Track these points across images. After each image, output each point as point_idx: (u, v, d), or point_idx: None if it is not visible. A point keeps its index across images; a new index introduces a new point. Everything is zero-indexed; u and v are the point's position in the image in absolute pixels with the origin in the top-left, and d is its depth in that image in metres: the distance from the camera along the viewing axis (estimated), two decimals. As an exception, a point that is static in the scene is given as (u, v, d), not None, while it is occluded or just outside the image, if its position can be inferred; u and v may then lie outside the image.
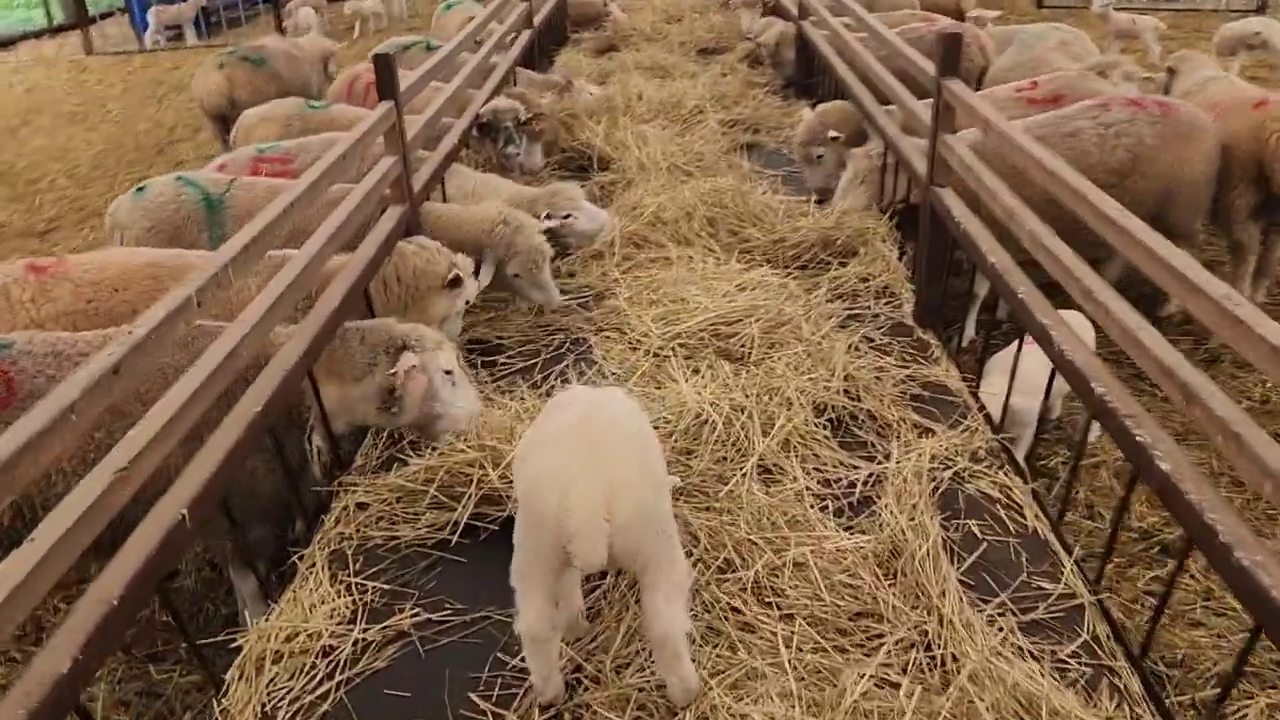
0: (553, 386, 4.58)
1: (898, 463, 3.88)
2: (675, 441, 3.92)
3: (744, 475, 3.77)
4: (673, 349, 4.67)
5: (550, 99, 8.08)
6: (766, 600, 3.20)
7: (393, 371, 3.72)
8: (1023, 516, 3.65)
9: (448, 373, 3.90)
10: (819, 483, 3.85)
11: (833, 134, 6.45)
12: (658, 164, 7.34)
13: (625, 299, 5.35)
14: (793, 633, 3.04)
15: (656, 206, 6.30)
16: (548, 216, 5.72)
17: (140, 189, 5.10)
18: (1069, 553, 3.43)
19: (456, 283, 4.60)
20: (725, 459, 3.92)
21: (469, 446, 3.80)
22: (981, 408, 4.36)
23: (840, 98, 7.65)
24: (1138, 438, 2.82)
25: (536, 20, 10.28)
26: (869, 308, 5.33)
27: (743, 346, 4.65)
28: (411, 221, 4.93)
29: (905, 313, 5.26)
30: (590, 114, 8.32)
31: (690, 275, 5.46)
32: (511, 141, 6.90)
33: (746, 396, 4.22)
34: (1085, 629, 3.12)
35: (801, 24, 9.59)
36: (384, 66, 4.62)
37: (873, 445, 4.11)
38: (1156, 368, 2.73)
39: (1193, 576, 4.13)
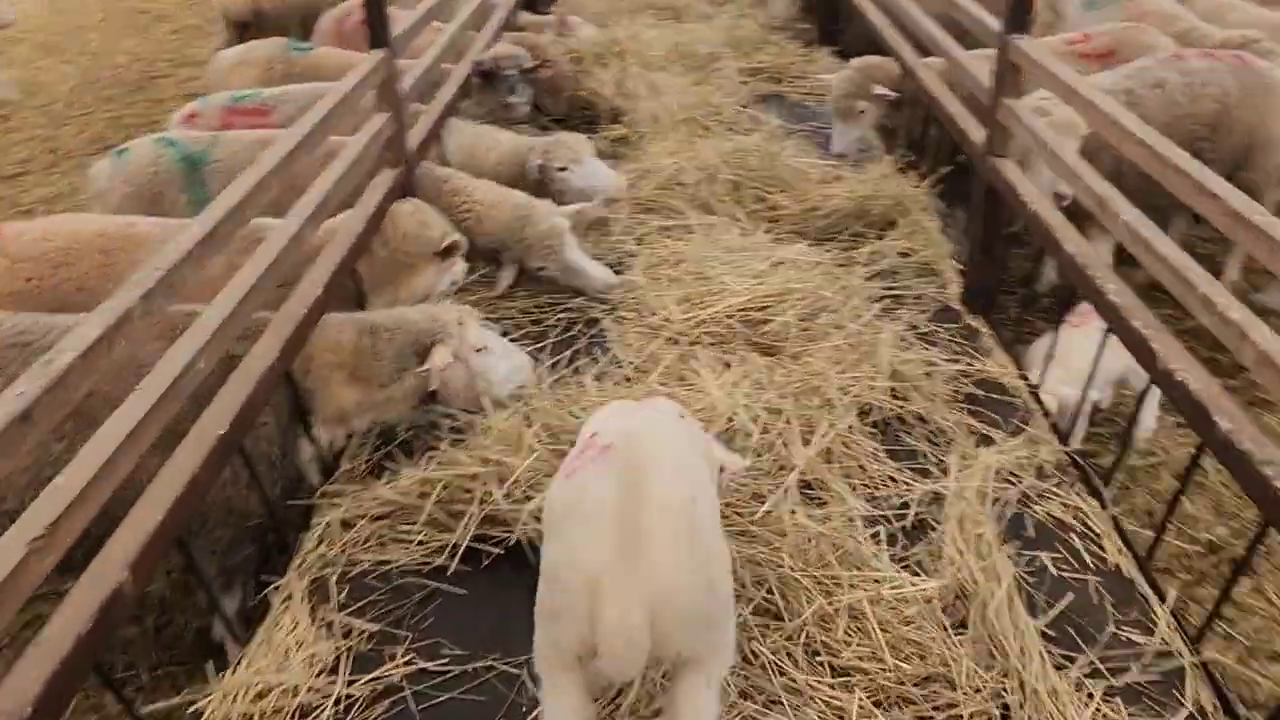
0: (562, 378, 4.08)
1: (956, 479, 3.42)
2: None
3: (784, 492, 3.31)
4: (698, 338, 4.17)
5: (553, 43, 7.45)
6: (818, 658, 2.75)
7: (426, 369, 3.43)
8: (1102, 549, 3.20)
9: (479, 349, 3.61)
10: (867, 500, 3.40)
11: (881, 91, 5.82)
12: (673, 116, 6.76)
13: (642, 273, 4.84)
14: (853, 701, 2.60)
15: (674, 168, 5.75)
16: (540, 168, 5.19)
17: (122, 151, 4.59)
18: (1162, 598, 2.98)
19: (450, 252, 4.11)
20: (762, 472, 3.46)
21: (470, 458, 3.32)
22: (1045, 411, 3.89)
23: (870, 47, 7.07)
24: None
25: (539, -46, 9.56)
26: (910, 288, 4.82)
27: (777, 337, 4.16)
28: (407, 185, 4.39)
29: (951, 294, 4.76)
30: (598, 59, 7.71)
31: (713, 248, 4.95)
32: (515, 91, 6.30)
33: (783, 397, 3.75)
34: (1188, 699, 2.68)
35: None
36: (375, 7, 4.04)
37: (925, 456, 3.65)
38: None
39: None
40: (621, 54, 7.85)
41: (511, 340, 4.41)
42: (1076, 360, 4.02)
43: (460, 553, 3.17)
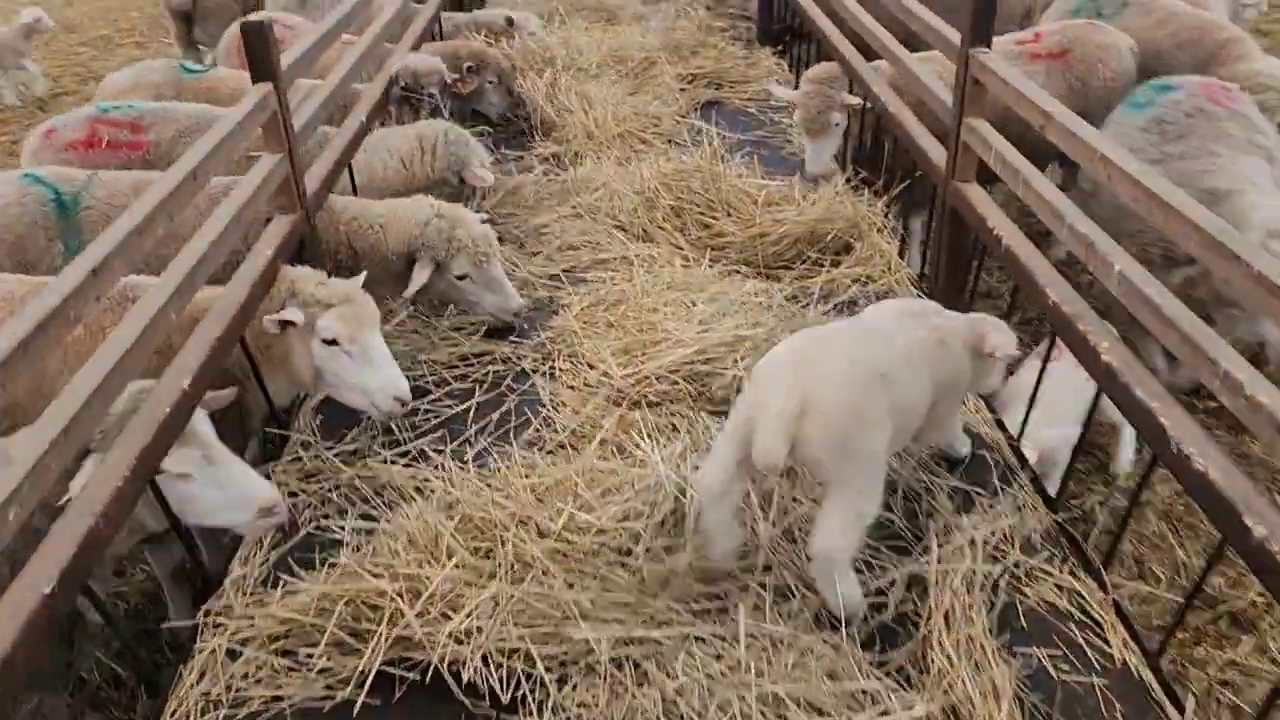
0: (489, 448, 3.62)
1: (939, 558, 3.02)
2: (654, 541, 3.00)
3: (743, 593, 2.88)
4: (640, 397, 3.73)
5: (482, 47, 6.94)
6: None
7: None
8: (1105, 640, 2.82)
9: (329, 342, 3.33)
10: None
11: (851, 100, 5.40)
12: (608, 131, 6.31)
13: (577, 315, 4.38)
14: None
15: (611, 193, 5.30)
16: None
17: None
18: (1180, 710, 2.60)
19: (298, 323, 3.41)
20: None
21: (377, 570, 2.84)
22: (1025, 464, 3.51)
23: (815, 47, 6.69)
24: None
25: (463, -45, 9.04)
26: (872, 320, 4.43)
27: (726, 391, 3.73)
28: (307, 232, 3.88)
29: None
30: (531, 65, 7.21)
31: (656, 284, 4.50)
32: (438, 111, 5.79)
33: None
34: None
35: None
36: (256, 38, 3.52)
37: (900, 528, 3.25)
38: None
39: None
40: (553, 60, 7.37)
41: (430, 402, 3.96)
42: (1056, 401, 3.67)
43: (369, 682, 2.69)
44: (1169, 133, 4.33)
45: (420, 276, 4.09)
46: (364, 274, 3.65)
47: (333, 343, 3.34)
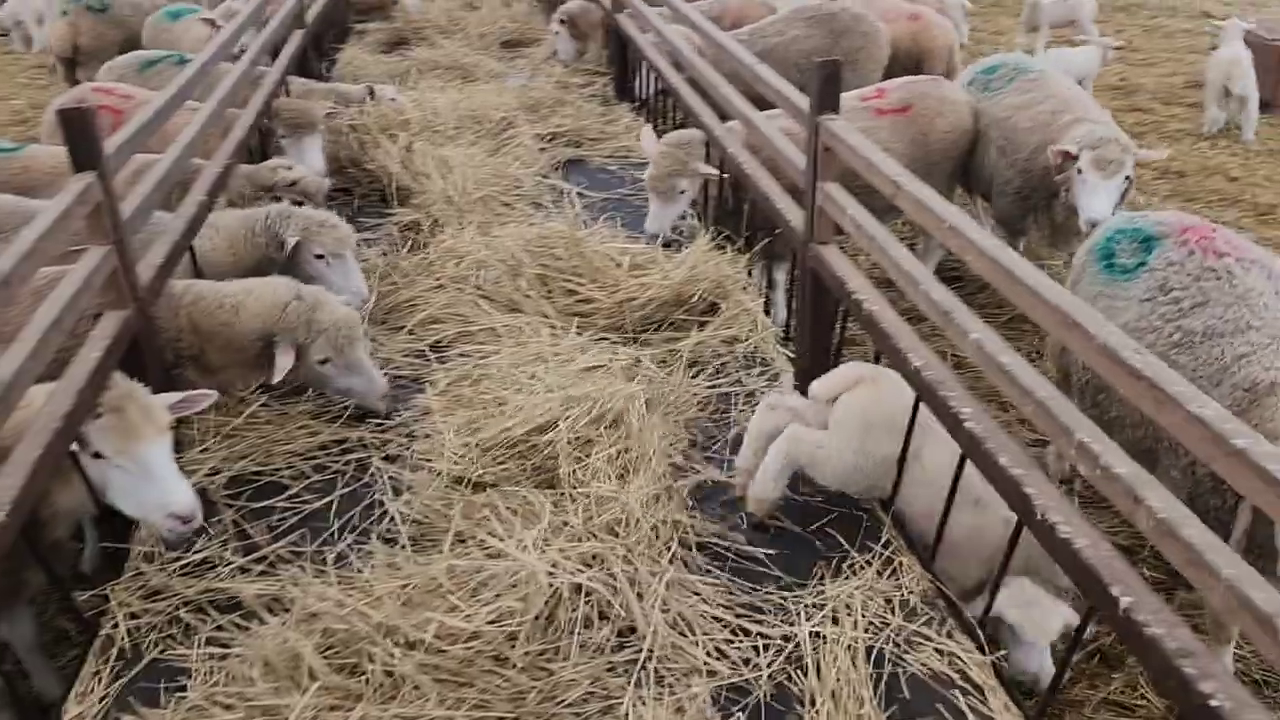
0: (353, 546, 3.43)
1: (816, 629, 3.00)
2: (531, 643, 2.88)
3: (631, 682, 2.78)
4: (489, 477, 3.60)
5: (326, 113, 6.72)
6: None
7: None
8: (988, 706, 2.83)
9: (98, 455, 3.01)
10: (715, 651, 2.93)
11: (705, 170, 5.42)
12: (468, 196, 6.19)
13: (441, 394, 4.23)
14: None
15: (474, 263, 5.18)
16: (298, 245, 4.58)
17: None
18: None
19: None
20: (599, 650, 2.93)
21: (230, 702, 2.62)
22: (900, 525, 3.53)
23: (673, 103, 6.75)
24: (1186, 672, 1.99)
25: (310, 15, 8.81)
26: (741, 382, 4.43)
27: (580, 465, 3.62)
28: (142, 327, 3.62)
29: (785, 385, 4.39)
30: (384, 130, 7.04)
31: (522, 356, 4.40)
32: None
33: (599, 539, 3.23)
34: None
35: (617, 17, 8.58)
36: (76, 126, 3.28)
37: (768, 591, 3.21)
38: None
39: None
40: (407, 123, 7.22)
41: (288, 499, 3.73)
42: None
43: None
44: (1183, 303, 3.44)
45: (284, 361, 3.85)
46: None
47: (98, 456, 3.03)
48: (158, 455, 3.05)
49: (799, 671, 2.92)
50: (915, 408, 3.13)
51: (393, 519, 3.53)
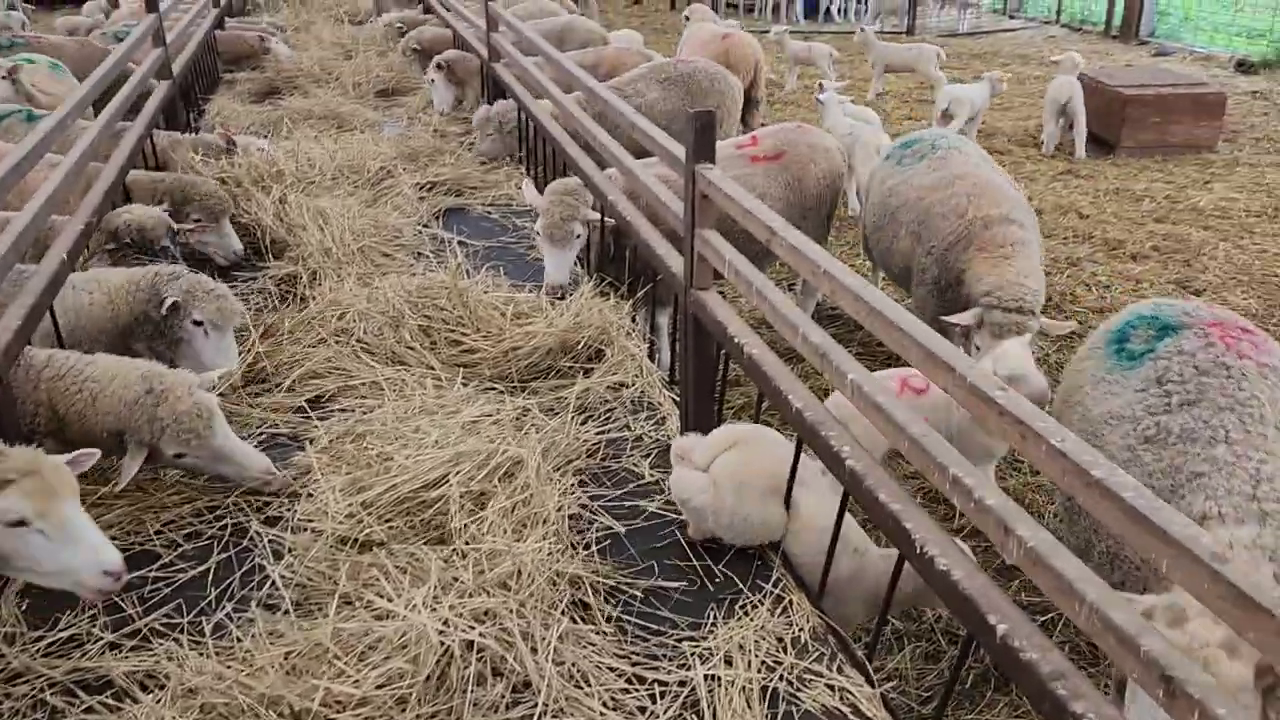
0: (231, 615, 3.30)
1: (711, 671, 3.02)
2: (423, 705, 2.81)
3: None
4: (375, 536, 3.53)
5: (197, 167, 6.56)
6: None
7: None
8: (879, 739, 2.89)
9: (15, 524, 2.90)
10: (611, 702, 2.92)
11: (592, 215, 5.47)
12: (347, 247, 6.09)
13: (322, 451, 4.12)
14: None
15: (354, 314, 5.09)
16: (174, 306, 4.41)
17: None
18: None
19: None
20: (493, 708, 2.88)
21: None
22: (789, 564, 3.60)
23: (552, 151, 6.80)
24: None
25: (177, 67, 8.59)
26: (629, 427, 4.46)
27: (478, 512, 3.59)
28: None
29: (672, 429, 4.44)
30: (256, 182, 6.89)
31: (405, 409, 4.33)
32: (173, 258, 5.40)
33: (491, 594, 3.18)
34: None
35: (493, 66, 8.64)
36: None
37: (664, 637, 3.23)
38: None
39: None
40: (280, 174, 7.08)
41: (160, 569, 3.57)
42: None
43: None
44: (1172, 397, 3.07)
45: (130, 467, 3.59)
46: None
47: (20, 524, 2.90)
48: (80, 514, 3.01)
49: (695, 716, 2.93)
50: (796, 455, 3.21)
51: (274, 584, 3.41)
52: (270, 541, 3.65)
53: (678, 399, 4.57)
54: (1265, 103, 12.95)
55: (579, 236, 5.48)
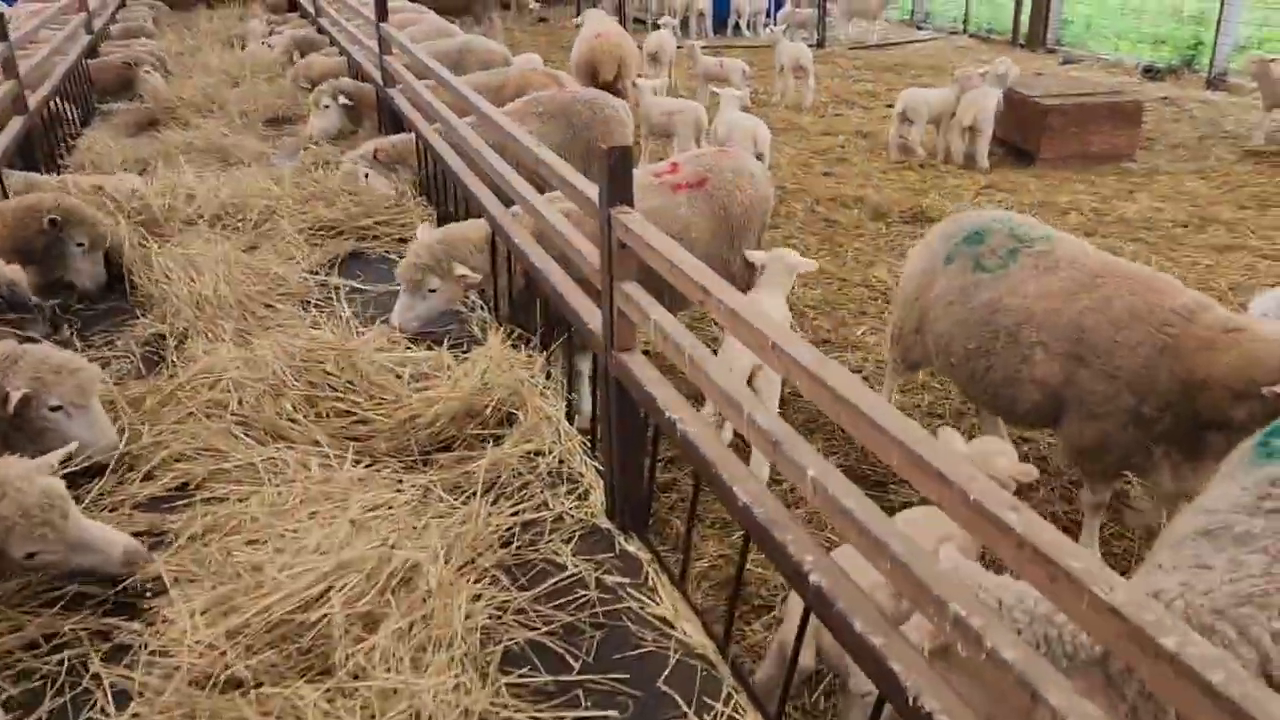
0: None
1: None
2: None
3: None
4: (245, 673, 2.90)
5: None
6: None
7: None
8: None
9: None
10: None
11: (464, 273, 4.92)
12: (224, 300, 5.42)
13: (181, 552, 3.47)
14: None
15: (226, 383, 4.43)
16: (25, 399, 3.76)
17: None
18: None
19: None
20: None
21: None
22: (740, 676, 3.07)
23: (453, 188, 6.22)
24: None
25: (34, 101, 7.76)
26: (546, 507, 3.89)
27: (368, 637, 2.98)
28: None
29: (595, 504, 3.89)
30: (129, 225, 6.15)
31: (285, 498, 3.71)
32: (38, 319, 4.70)
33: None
34: None
35: (388, 92, 8.01)
36: None
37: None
38: None
39: None
40: (151, 222, 6.36)
41: (-26, 732, 2.89)
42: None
43: None
44: (1268, 501, 2.63)
45: None
46: None
47: None
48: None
49: None
50: (742, 562, 2.69)
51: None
52: (113, 684, 3.00)
53: (602, 468, 4.03)
54: (1175, 109, 12.99)
55: (433, 291, 4.98)
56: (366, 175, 7.25)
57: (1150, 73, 15.04)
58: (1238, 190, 9.48)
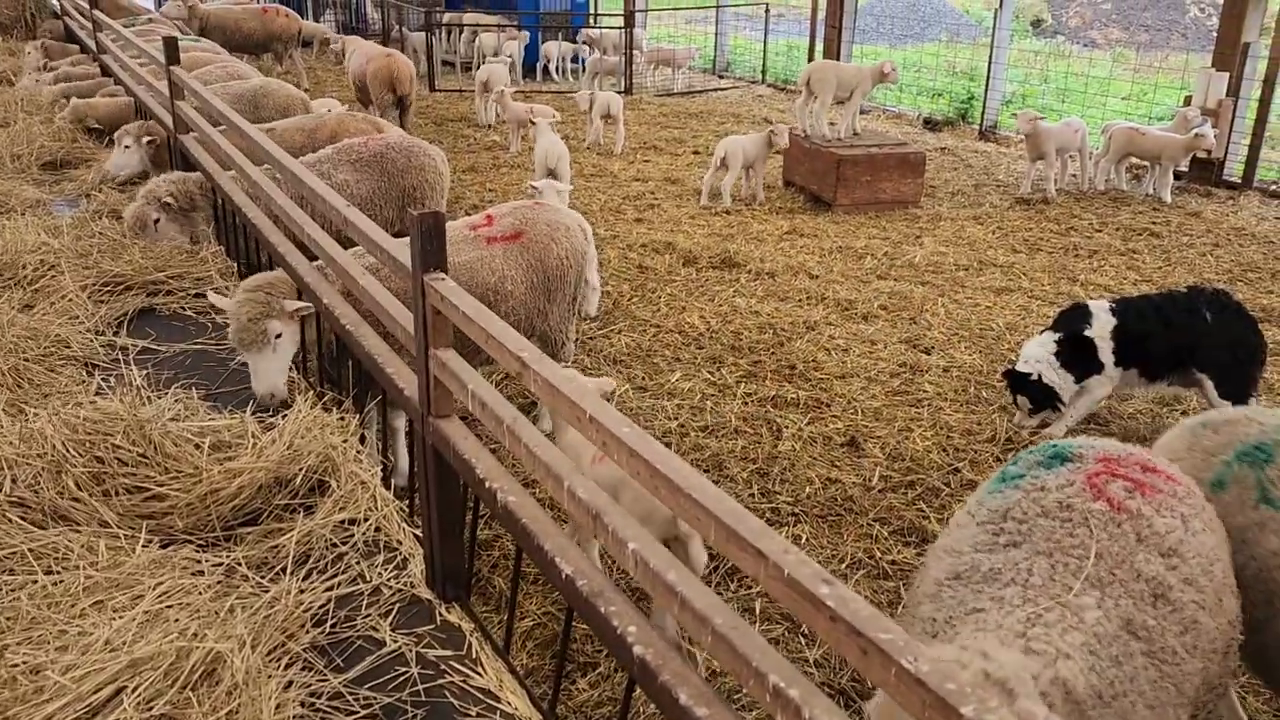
0: None
1: None
2: None
3: None
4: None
5: None
6: None
7: None
8: None
9: None
10: None
11: (296, 306, 4.73)
12: (-9, 367, 4.96)
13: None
14: None
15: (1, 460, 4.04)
16: None
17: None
18: None
19: None
20: None
21: None
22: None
23: (255, 244, 5.95)
24: None
25: None
26: (364, 579, 3.75)
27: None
28: None
29: (415, 573, 3.78)
30: None
31: (65, 593, 3.40)
32: None
33: None
34: None
35: (180, 139, 7.61)
36: None
37: None
38: None
39: None
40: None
41: None
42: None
43: None
44: (1002, 536, 2.69)
45: None
46: None
47: None
48: None
49: None
50: (565, 636, 2.67)
51: None
52: None
53: (421, 534, 3.92)
54: (953, 158, 14.03)
55: (279, 336, 4.73)
56: (157, 221, 6.83)
57: (930, 124, 16.21)
58: (1010, 235, 10.32)
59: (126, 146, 8.39)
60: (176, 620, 3.18)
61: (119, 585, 3.43)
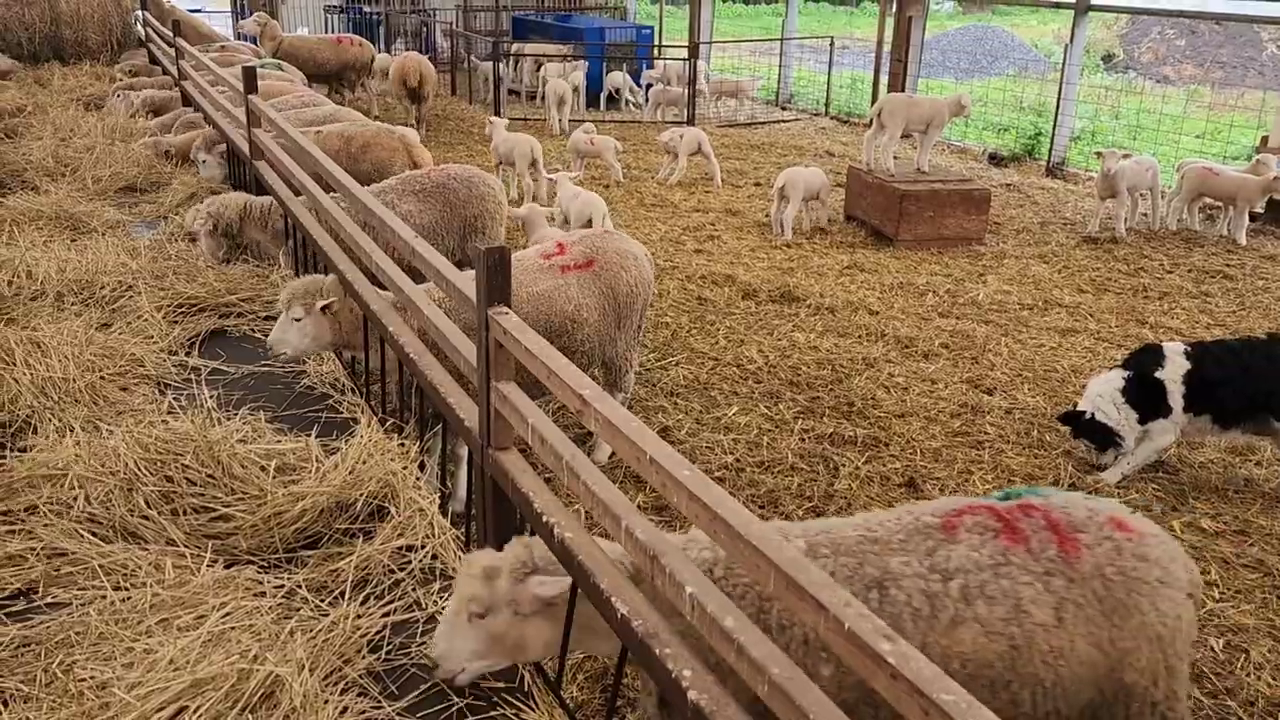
0: None
1: None
2: None
3: None
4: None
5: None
6: None
7: None
8: None
9: None
10: None
11: (324, 303, 5.12)
12: (73, 384, 5.12)
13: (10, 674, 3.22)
14: None
15: (71, 479, 4.16)
16: None
17: None
18: None
19: None
20: None
21: None
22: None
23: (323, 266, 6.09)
24: None
25: None
26: (420, 604, 3.78)
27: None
28: None
29: (471, 604, 3.80)
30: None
31: (132, 610, 3.48)
32: None
33: None
34: None
35: (255, 165, 7.82)
36: None
37: None
38: None
39: None
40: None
41: None
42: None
43: None
44: (971, 590, 2.65)
45: None
46: None
47: None
48: None
49: None
50: (618, 675, 2.67)
51: None
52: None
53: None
54: (1019, 195, 13.85)
55: (298, 320, 5.16)
56: (204, 161, 8.09)
57: (995, 159, 16.03)
58: (1076, 275, 10.14)
59: (204, 160, 8.90)
60: (238, 641, 3.24)
61: (184, 604, 3.50)
